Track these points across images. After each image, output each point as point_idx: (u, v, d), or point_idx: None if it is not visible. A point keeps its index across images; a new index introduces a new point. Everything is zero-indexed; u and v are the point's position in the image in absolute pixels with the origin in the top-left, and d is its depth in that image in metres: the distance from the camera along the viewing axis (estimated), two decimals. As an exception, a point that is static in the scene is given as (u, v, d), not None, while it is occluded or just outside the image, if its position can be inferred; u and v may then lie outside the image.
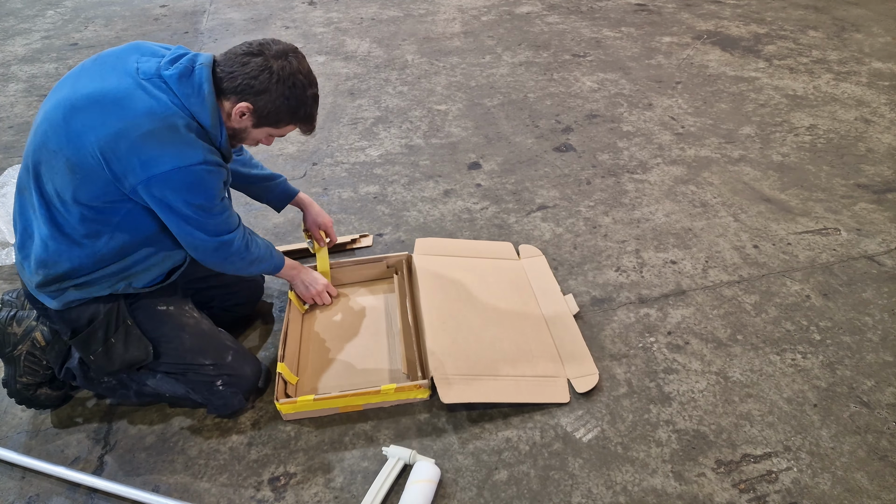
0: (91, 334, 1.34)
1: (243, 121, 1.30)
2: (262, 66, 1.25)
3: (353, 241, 2.06)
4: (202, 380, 1.42)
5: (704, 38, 3.58)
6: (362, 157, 2.53)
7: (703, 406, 1.49)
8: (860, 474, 1.33)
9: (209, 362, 1.42)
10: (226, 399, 1.45)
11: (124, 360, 1.37)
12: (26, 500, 1.33)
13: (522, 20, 3.92)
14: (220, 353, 1.44)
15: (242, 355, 1.50)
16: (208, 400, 1.46)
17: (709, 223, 2.11)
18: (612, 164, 2.44)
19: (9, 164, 2.44)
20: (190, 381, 1.43)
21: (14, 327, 1.45)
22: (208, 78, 1.23)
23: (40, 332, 1.45)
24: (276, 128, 1.35)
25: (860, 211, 2.15)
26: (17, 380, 1.44)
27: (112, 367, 1.37)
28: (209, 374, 1.42)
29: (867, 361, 1.59)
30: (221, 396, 1.45)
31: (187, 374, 1.42)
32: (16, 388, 1.45)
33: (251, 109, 1.28)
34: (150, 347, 1.38)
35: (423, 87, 3.10)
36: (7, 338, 1.44)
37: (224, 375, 1.43)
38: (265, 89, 1.26)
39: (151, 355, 1.38)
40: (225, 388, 1.44)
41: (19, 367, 1.44)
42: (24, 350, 1.44)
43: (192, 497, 1.32)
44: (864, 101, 2.85)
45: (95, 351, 1.35)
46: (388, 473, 1.32)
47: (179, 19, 4.11)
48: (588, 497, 1.30)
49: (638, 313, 1.76)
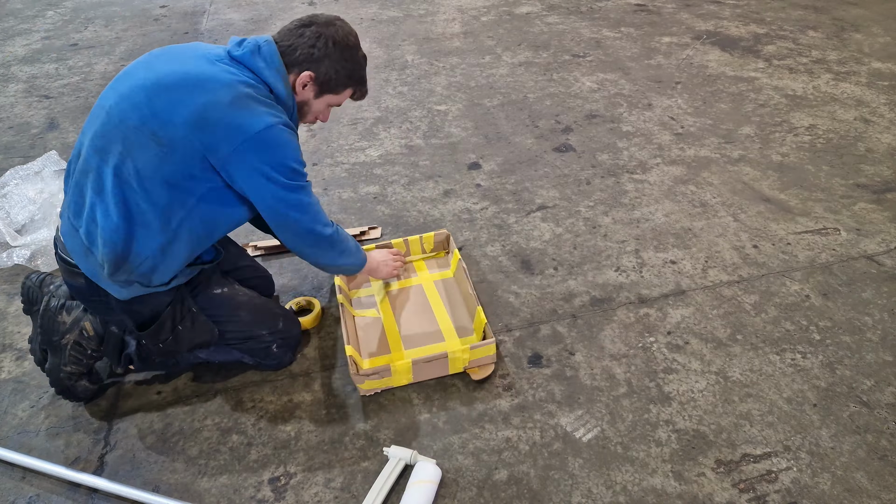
0: (160, 325, 1.40)
1: (306, 92, 1.39)
2: (317, 34, 1.34)
3: (363, 233, 2.09)
4: (260, 346, 1.53)
5: (704, 39, 3.58)
6: (362, 158, 2.54)
7: (702, 406, 1.49)
8: (860, 474, 1.33)
9: (266, 331, 1.52)
10: (279, 358, 1.58)
11: (193, 343, 1.47)
12: (27, 500, 1.33)
13: (522, 20, 3.92)
14: (274, 322, 1.55)
15: (290, 318, 1.62)
16: (261, 361, 1.57)
17: (708, 223, 2.11)
18: (612, 165, 2.44)
19: (9, 165, 2.44)
20: (249, 348, 1.54)
21: (63, 316, 1.46)
22: (277, 52, 1.32)
23: (89, 322, 1.47)
24: (336, 94, 1.42)
25: (860, 211, 2.15)
26: (61, 368, 1.45)
27: (181, 349, 1.47)
28: (266, 340, 1.53)
29: (867, 361, 1.60)
30: (276, 357, 1.57)
31: (247, 343, 1.53)
32: (59, 377, 1.46)
33: (313, 77, 1.36)
34: (216, 329, 1.47)
35: (423, 87, 3.10)
36: (56, 326, 1.45)
37: (279, 339, 1.55)
38: (324, 55, 1.35)
39: (217, 335, 1.48)
40: (279, 349, 1.56)
41: (65, 356, 1.44)
42: (71, 339, 1.45)
43: (193, 497, 1.33)
44: (863, 101, 2.85)
45: (165, 339, 1.43)
46: (388, 474, 1.32)
47: (179, 20, 4.11)
48: (588, 497, 1.30)
49: (637, 313, 1.76)
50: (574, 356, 1.63)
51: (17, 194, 2.16)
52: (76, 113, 2.95)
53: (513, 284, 1.87)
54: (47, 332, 1.46)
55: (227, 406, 1.52)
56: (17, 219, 2.09)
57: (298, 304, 1.77)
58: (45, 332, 1.46)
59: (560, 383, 1.55)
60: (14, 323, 1.79)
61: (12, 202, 2.14)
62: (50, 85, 3.25)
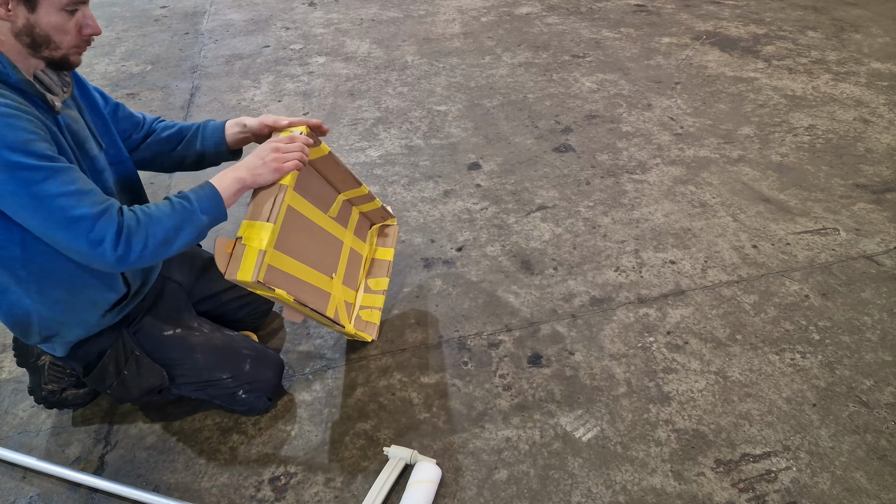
0: (102, 370, 1.32)
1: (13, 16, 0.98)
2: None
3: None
4: (223, 392, 1.40)
5: (703, 39, 3.58)
6: (362, 158, 2.54)
7: (702, 406, 1.49)
8: (859, 474, 1.33)
9: (227, 376, 1.38)
10: (250, 404, 1.44)
11: (141, 388, 1.34)
12: (27, 500, 1.33)
13: (522, 21, 3.92)
14: (236, 365, 1.40)
15: (261, 359, 1.45)
16: (232, 407, 1.46)
17: (708, 223, 2.12)
18: (612, 165, 2.45)
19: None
20: (210, 394, 1.42)
21: None
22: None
23: None
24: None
25: (859, 211, 2.16)
26: (42, 387, 1.42)
27: (130, 395, 1.36)
28: (229, 385, 1.39)
29: (866, 361, 1.60)
30: (245, 403, 1.43)
31: (207, 390, 1.40)
32: (42, 395, 1.44)
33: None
34: (165, 373, 1.34)
35: (423, 87, 3.10)
36: (30, 349, 1.40)
37: (244, 385, 1.40)
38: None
39: (167, 380, 1.35)
40: (247, 395, 1.42)
41: (44, 376, 1.41)
42: (47, 360, 1.41)
43: (193, 497, 1.33)
44: (862, 102, 2.86)
45: (111, 385, 1.33)
46: (389, 473, 1.32)
47: (180, 20, 4.11)
48: (588, 496, 1.31)
49: (637, 313, 1.76)
50: (574, 356, 1.63)
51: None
52: (76, 113, 2.95)
53: (513, 284, 1.87)
54: (22, 354, 1.42)
55: (228, 406, 1.52)
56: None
57: None
58: (19, 354, 1.42)
59: (560, 383, 1.56)
60: (14, 323, 1.80)
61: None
62: (50, 85, 3.25)
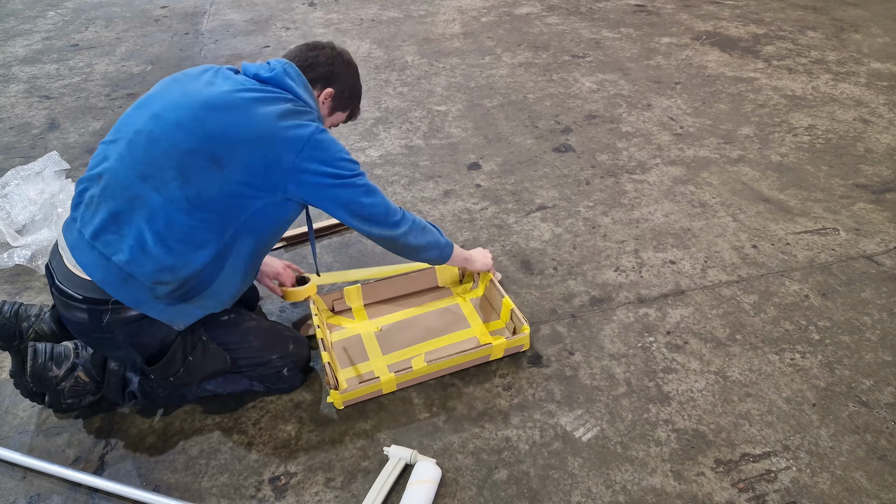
0: (171, 357, 1.35)
1: (324, 108, 1.47)
2: (333, 54, 1.44)
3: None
4: (271, 372, 1.49)
5: (703, 39, 3.58)
6: (362, 158, 2.54)
7: (702, 405, 1.49)
8: (859, 473, 1.34)
9: (276, 356, 1.48)
10: (290, 381, 1.54)
11: (205, 373, 1.42)
12: (27, 500, 1.33)
13: (522, 21, 3.92)
14: (283, 345, 1.51)
15: (299, 339, 1.57)
16: (272, 386, 1.53)
17: (708, 223, 2.12)
18: (612, 165, 2.45)
19: (10, 165, 2.44)
20: (259, 375, 1.50)
21: (54, 370, 1.39)
22: (300, 71, 1.39)
23: (82, 371, 1.42)
24: (343, 111, 1.52)
25: (859, 211, 2.16)
26: (62, 403, 1.43)
27: (193, 381, 1.42)
28: (277, 365, 1.49)
29: (866, 361, 1.60)
30: (286, 380, 1.53)
31: (257, 370, 1.48)
32: (62, 409, 1.47)
33: (332, 94, 1.45)
34: (228, 357, 1.42)
35: (423, 87, 3.10)
36: (48, 380, 1.39)
37: (290, 363, 1.51)
38: (341, 72, 1.45)
39: (229, 363, 1.43)
40: (290, 372, 1.52)
41: (64, 395, 1.42)
42: (66, 385, 1.41)
43: (193, 497, 1.33)
44: (862, 102, 2.86)
45: (176, 372, 1.37)
46: (389, 473, 1.32)
47: (180, 20, 4.12)
48: (587, 496, 1.31)
49: (637, 313, 1.76)
50: (573, 356, 1.63)
51: (18, 195, 2.17)
52: (77, 113, 2.96)
53: (512, 284, 1.88)
54: (40, 382, 1.39)
55: (228, 405, 1.52)
56: (18, 219, 2.09)
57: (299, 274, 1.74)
58: (37, 382, 1.39)
59: (560, 383, 1.56)
60: (15, 323, 1.80)
61: (13, 202, 2.14)
62: (51, 85, 3.26)
